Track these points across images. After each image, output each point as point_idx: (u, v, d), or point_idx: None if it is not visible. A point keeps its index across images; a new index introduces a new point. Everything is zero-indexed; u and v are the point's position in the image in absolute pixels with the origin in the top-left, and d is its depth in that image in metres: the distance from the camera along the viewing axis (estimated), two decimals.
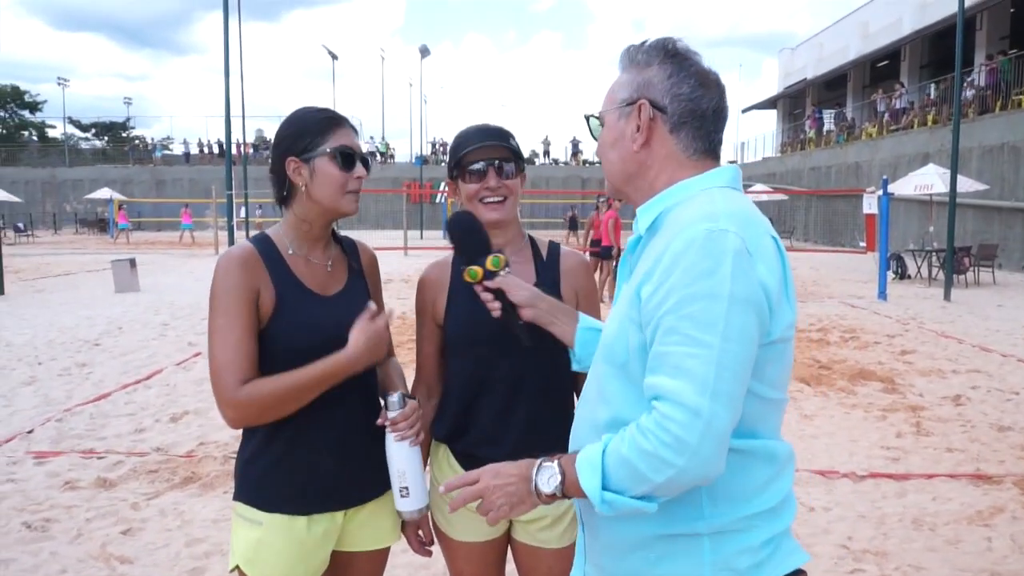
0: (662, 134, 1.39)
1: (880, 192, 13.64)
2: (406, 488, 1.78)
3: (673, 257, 1.23)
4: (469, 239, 1.74)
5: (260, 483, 1.76)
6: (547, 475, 1.32)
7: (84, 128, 60.69)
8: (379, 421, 1.77)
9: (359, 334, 1.70)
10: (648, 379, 1.24)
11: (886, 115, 27.98)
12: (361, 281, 1.92)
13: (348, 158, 1.77)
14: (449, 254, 2.03)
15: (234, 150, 14.52)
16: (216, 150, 47.28)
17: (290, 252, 1.82)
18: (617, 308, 1.42)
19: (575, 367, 1.74)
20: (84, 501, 4.29)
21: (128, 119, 60.19)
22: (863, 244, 15.23)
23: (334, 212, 1.80)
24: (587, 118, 1.52)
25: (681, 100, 1.37)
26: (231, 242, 13.94)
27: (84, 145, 58.12)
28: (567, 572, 1.98)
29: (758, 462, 1.33)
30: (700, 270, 1.20)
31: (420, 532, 1.96)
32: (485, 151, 1.88)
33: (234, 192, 14.20)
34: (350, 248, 1.95)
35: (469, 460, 1.93)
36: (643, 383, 1.29)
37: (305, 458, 1.78)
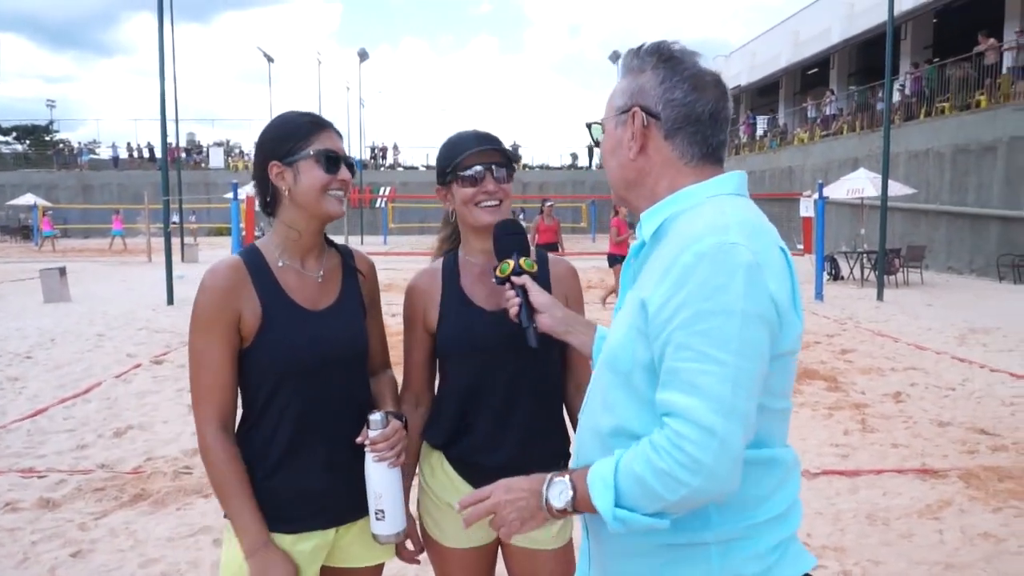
0: (657, 141, 1.38)
1: (816, 196, 14.06)
2: (382, 511, 1.72)
3: (683, 270, 1.21)
4: (512, 238, 1.82)
5: None
6: (558, 490, 1.31)
7: (4, 131, 58.10)
8: (358, 440, 1.72)
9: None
10: (660, 394, 1.23)
11: (817, 121, 28.87)
12: (355, 293, 1.86)
13: (332, 160, 1.73)
14: (438, 262, 2.00)
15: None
16: (147, 154, 45.77)
17: (280, 264, 1.76)
18: (622, 315, 1.40)
19: None
20: (27, 523, 4.09)
21: (51, 122, 57.80)
22: (800, 246, 15.67)
23: (319, 215, 1.75)
24: (588, 126, 1.52)
25: (674, 106, 1.37)
26: (167, 249, 13.52)
27: (5, 149, 55.63)
28: (567, 574, 1.95)
29: (765, 471, 1.33)
30: (712, 285, 1.19)
31: (408, 541, 1.91)
32: (481, 156, 1.87)
33: (170, 198, 13.76)
34: (346, 257, 1.89)
35: (465, 467, 1.91)
36: (647, 394, 1.28)
37: (295, 475, 1.73)
